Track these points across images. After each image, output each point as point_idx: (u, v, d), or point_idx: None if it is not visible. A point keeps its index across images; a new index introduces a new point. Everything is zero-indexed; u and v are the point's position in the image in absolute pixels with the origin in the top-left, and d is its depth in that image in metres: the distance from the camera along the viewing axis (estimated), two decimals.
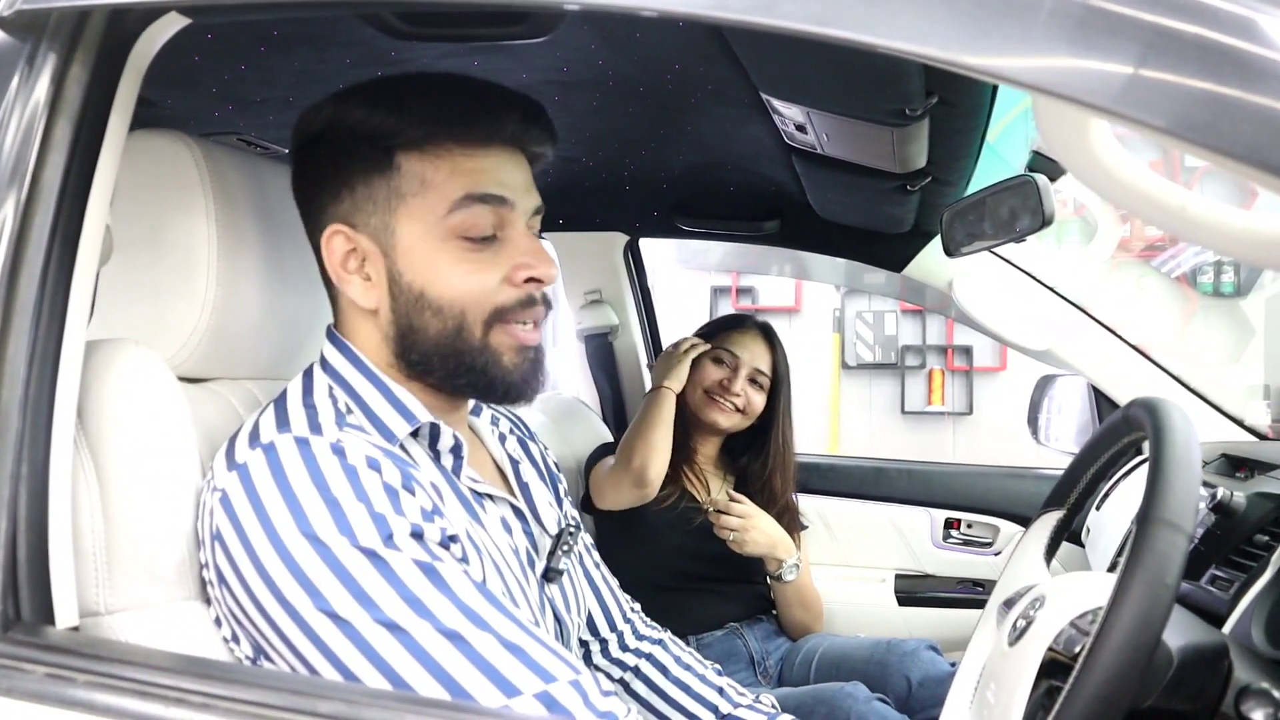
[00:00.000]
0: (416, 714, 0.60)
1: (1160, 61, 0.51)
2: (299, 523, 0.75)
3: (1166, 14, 0.51)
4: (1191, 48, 0.51)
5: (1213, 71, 0.50)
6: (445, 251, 0.88)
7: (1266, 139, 0.47)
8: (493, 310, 0.89)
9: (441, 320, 0.88)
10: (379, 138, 0.87)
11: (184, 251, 0.93)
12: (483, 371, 0.90)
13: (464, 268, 0.88)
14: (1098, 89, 0.49)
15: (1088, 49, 0.51)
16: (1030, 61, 0.52)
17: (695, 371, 1.91)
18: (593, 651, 1.23)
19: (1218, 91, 0.50)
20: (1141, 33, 0.51)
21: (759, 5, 0.55)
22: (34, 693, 0.59)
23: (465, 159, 0.88)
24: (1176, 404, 0.83)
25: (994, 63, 0.53)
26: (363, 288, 0.90)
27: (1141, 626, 0.67)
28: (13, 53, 0.73)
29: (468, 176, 0.87)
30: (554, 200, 2.07)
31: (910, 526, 2.19)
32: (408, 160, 0.88)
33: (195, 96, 1.32)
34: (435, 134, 0.87)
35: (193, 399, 0.94)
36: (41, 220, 0.71)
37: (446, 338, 0.89)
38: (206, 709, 0.56)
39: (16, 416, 0.68)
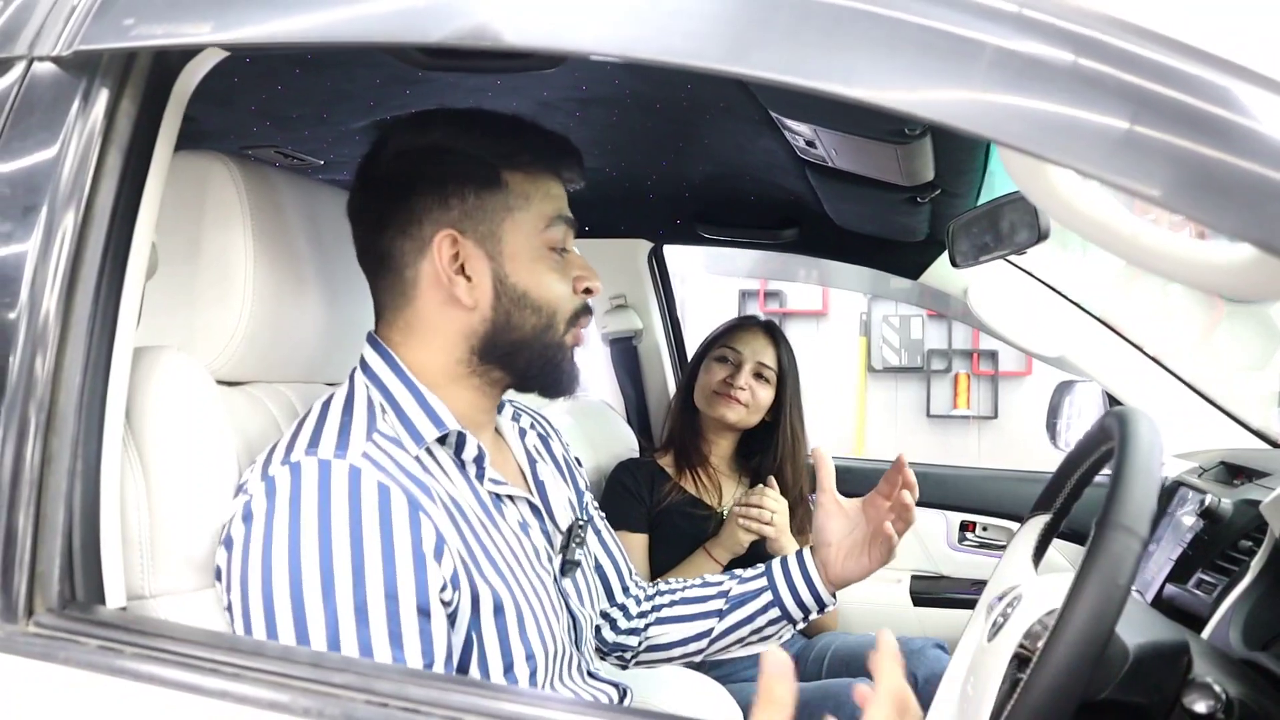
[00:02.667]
0: (422, 686, 0.66)
1: (1080, 102, 0.56)
2: (290, 552, 0.82)
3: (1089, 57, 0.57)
4: (1113, 92, 0.56)
5: (1129, 112, 0.56)
6: (542, 260, 1.02)
7: (1170, 172, 0.53)
8: (573, 313, 1.04)
9: (538, 318, 1.01)
10: (493, 158, 1.00)
11: (222, 264, 1.00)
12: (556, 365, 1.04)
13: (555, 275, 1.03)
14: (1023, 133, 0.55)
15: (1021, 94, 0.57)
16: (971, 107, 0.58)
17: (703, 374, 1.97)
18: (603, 630, 1.31)
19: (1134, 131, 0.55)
20: (1069, 82, 0.57)
21: (731, 54, 0.61)
22: (88, 662, 0.67)
23: (553, 185, 1.05)
24: (1147, 416, 0.88)
25: (939, 110, 0.58)
26: (465, 286, 0.99)
27: (1094, 623, 0.72)
28: (70, 88, 0.80)
29: (556, 201, 1.05)
30: (580, 208, 2.14)
31: (926, 528, 2.23)
32: (514, 180, 1.00)
33: (235, 114, 1.39)
34: (537, 162, 1.02)
35: (231, 401, 1.02)
36: (95, 240, 0.79)
37: (538, 333, 1.02)
38: (237, 678, 0.64)
39: (73, 419, 0.75)
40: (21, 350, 0.74)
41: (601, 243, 2.35)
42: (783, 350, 1.99)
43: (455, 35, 0.67)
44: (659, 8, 0.62)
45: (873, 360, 6.50)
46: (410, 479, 0.90)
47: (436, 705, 0.63)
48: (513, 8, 0.66)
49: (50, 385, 0.74)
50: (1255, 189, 0.52)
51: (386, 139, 1.04)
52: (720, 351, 1.98)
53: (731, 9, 0.61)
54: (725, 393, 1.94)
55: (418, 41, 0.68)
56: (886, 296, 5.64)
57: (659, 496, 1.93)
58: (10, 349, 0.75)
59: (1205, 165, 0.53)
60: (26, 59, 0.82)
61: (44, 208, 0.77)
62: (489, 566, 0.93)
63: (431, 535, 0.87)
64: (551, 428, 1.30)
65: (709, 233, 2.17)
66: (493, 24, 0.66)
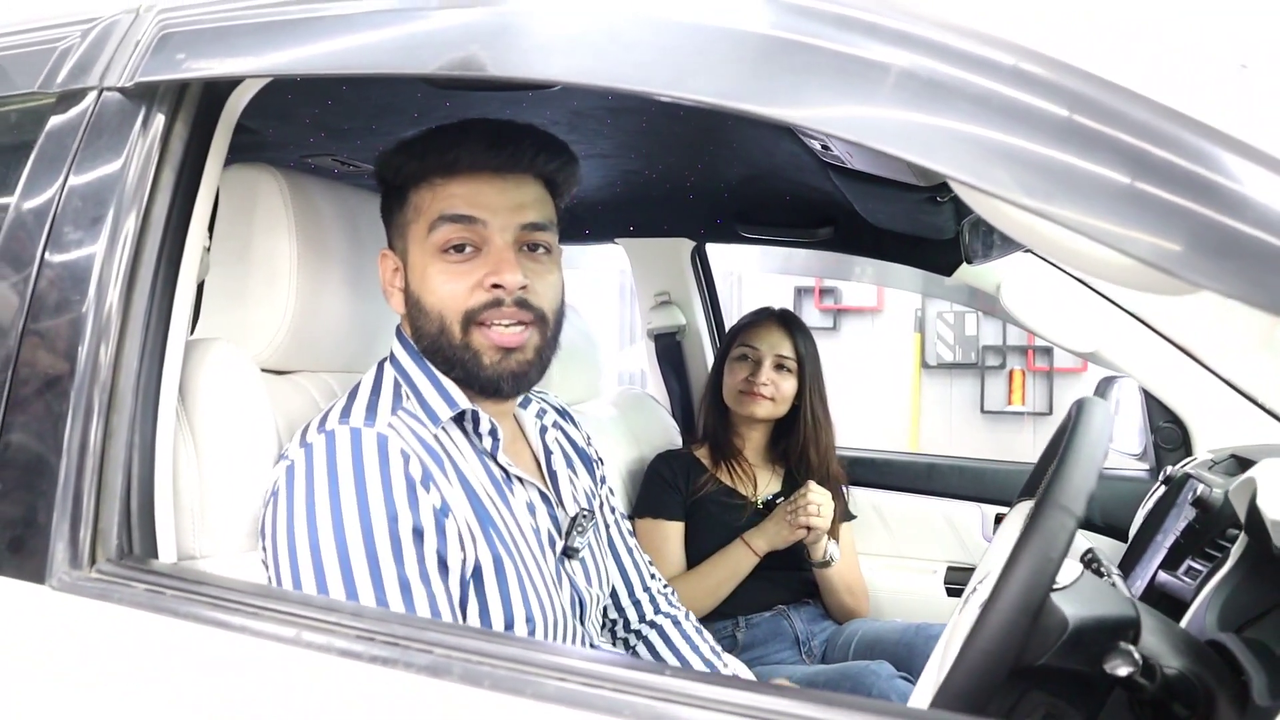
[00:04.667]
0: (440, 632, 0.74)
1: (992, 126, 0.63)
2: (330, 502, 0.93)
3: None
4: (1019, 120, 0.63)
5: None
6: (433, 264, 1.06)
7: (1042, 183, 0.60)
8: (464, 313, 1.05)
9: (429, 322, 1.07)
10: (397, 180, 1.10)
11: (269, 265, 1.12)
12: (464, 367, 1.06)
13: (445, 277, 1.06)
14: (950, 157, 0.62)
15: (931, 113, 0.64)
16: (887, 127, 0.65)
17: (727, 374, 2.04)
18: (618, 626, 1.39)
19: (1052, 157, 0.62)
20: (975, 109, 0.64)
21: (675, 80, 0.69)
22: (137, 602, 0.79)
23: (453, 186, 1.06)
24: (1104, 404, 0.94)
25: (863, 133, 0.66)
26: (399, 298, 1.11)
27: (1026, 593, 0.79)
28: (132, 113, 0.93)
29: (447, 200, 1.06)
30: (623, 209, 2.26)
31: (962, 520, 2.27)
32: (415, 195, 1.09)
33: (292, 126, 1.52)
34: (425, 169, 1.07)
35: (276, 388, 1.14)
36: (152, 245, 0.91)
37: (436, 336, 1.07)
38: (256, 616, 0.75)
39: (131, 400, 0.87)
40: (88, 340, 0.87)
41: (646, 242, 2.44)
42: (799, 338, 2.04)
43: (448, 66, 0.77)
44: (614, 41, 0.71)
45: (927, 356, 6.46)
46: (428, 452, 1.01)
47: (456, 649, 0.72)
48: (494, 44, 0.75)
49: (112, 370, 0.87)
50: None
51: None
52: (740, 350, 2.05)
53: (674, 42, 0.69)
54: (750, 390, 2.01)
55: (417, 72, 0.78)
56: (935, 296, 5.60)
57: (695, 487, 2.00)
58: (79, 339, 0.87)
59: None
60: (97, 89, 0.95)
61: (109, 217, 0.90)
62: (494, 534, 1.03)
63: (438, 499, 0.98)
64: (574, 421, 1.39)
65: (748, 231, 2.24)
66: (478, 57, 0.76)
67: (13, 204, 0.96)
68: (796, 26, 0.68)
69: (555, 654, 0.68)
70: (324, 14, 0.83)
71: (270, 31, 0.86)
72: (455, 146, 1.06)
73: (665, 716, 0.61)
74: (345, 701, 0.70)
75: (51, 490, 0.85)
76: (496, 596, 1.01)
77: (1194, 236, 0.57)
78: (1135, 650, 0.76)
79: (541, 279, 1.09)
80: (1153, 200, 0.59)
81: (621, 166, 1.90)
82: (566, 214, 1.19)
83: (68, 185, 0.93)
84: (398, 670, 0.68)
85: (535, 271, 1.08)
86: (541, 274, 1.09)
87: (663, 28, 0.70)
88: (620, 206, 2.22)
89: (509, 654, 0.66)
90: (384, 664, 0.68)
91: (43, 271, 0.92)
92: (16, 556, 0.86)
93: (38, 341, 0.90)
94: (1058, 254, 0.74)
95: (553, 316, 1.11)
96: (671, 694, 0.62)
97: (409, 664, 0.67)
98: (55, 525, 0.85)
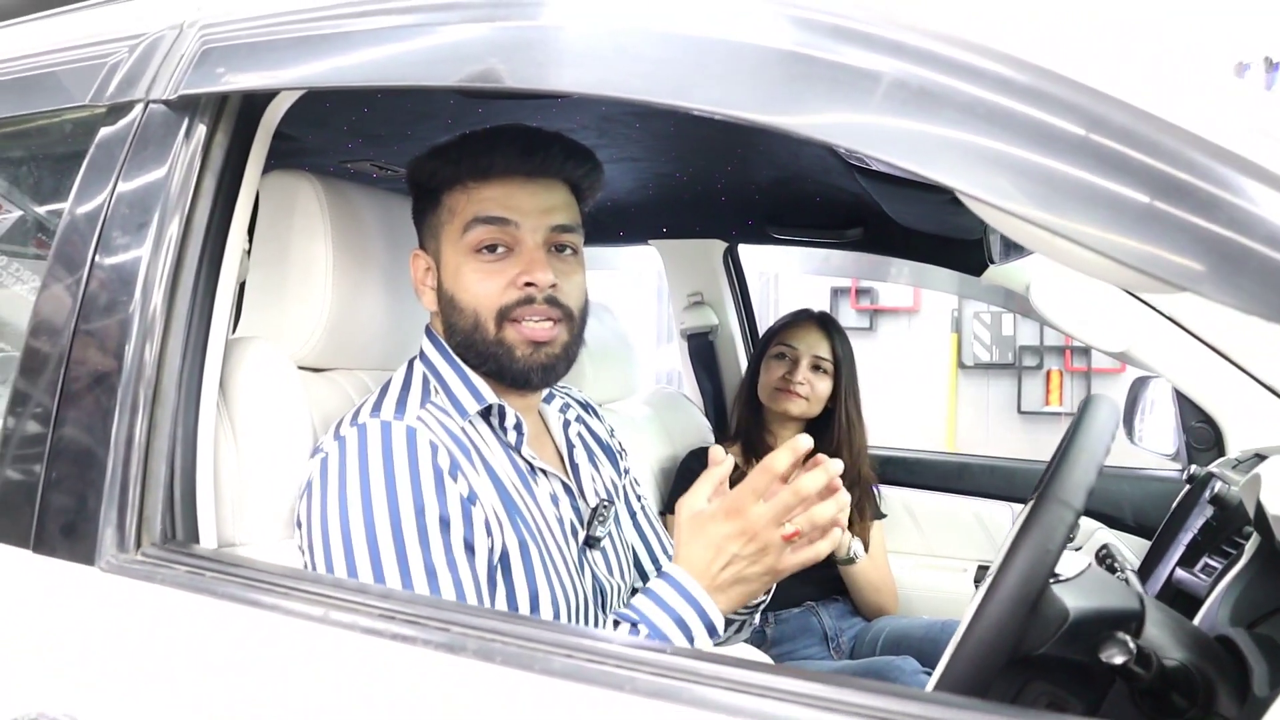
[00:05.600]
0: (456, 611, 0.78)
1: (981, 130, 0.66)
2: (361, 492, 0.98)
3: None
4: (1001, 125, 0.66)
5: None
6: (467, 263, 1.12)
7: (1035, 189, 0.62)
8: (498, 309, 1.10)
9: (464, 318, 1.12)
10: (432, 183, 1.15)
11: (306, 267, 1.18)
12: (499, 360, 1.11)
13: (479, 276, 1.11)
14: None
15: (911, 118, 0.67)
16: (873, 132, 0.68)
17: (764, 371, 2.07)
18: None
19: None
20: (967, 109, 0.67)
21: (677, 91, 0.73)
22: (178, 582, 0.84)
23: (486, 189, 1.11)
24: (1111, 402, 0.96)
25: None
26: (430, 296, 1.16)
27: (1024, 583, 0.81)
28: (176, 124, 0.98)
29: (481, 203, 1.11)
30: (656, 211, 2.30)
31: (993, 520, 2.28)
32: (448, 198, 1.14)
33: (330, 133, 1.58)
34: (460, 173, 1.12)
35: (313, 385, 1.20)
36: (194, 248, 0.97)
37: (470, 333, 1.12)
38: (288, 596, 0.80)
39: (173, 393, 0.93)
40: (134, 339, 0.92)
41: (679, 243, 2.48)
42: (837, 341, 2.08)
43: (468, 78, 0.81)
44: (621, 54, 0.75)
45: (964, 357, 6.45)
46: (455, 443, 1.06)
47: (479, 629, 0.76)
48: (510, 57, 0.79)
49: (157, 368, 0.92)
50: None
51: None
52: (778, 349, 2.08)
53: (677, 55, 0.73)
54: (785, 388, 2.04)
55: (439, 84, 0.83)
56: (971, 297, 5.58)
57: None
58: (126, 338, 0.93)
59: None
60: (144, 102, 1.00)
61: (154, 222, 0.95)
62: (519, 521, 1.08)
63: (466, 487, 1.02)
64: (597, 414, 1.43)
65: (779, 233, 2.27)
66: (496, 70, 0.80)
67: (66, 210, 1.02)
68: (810, 41, 0.71)
69: (562, 632, 0.73)
70: (352, 29, 0.88)
71: (303, 46, 0.91)
72: (489, 152, 1.11)
73: (665, 691, 0.64)
74: (368, 675, 0.74)
75: (101, 479, 0.91)
76: (523, 581, 1.05)
77: (1214, 255, 0.59)
78: (1130, 640, 0.78)
79: (568, 279, 1.14)
80: (1173, 220, 0.60)
81: (654, 170, 1.93)
82: (601, 217, 1.24)
83: (116, 192, 0.99)
84: (417, 647, 0.72)
85: (563, 271, 1.13)
86: (568, 274, 1.14)
87: (666, 41, 0.73)
88: (653, 209, 2.26)
89: (519, 632, 0.70)
90: (404, 641, 0.73)
91: (93, 273, 0.98)
92: (69, 540, 0.92)
93: (88, 340, 0.95)
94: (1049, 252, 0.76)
95: (578, 314, 1.16)
96: (671, 670, 0.66)
97: (427, 641, 0.72)
98: (104, 512, 0.90)
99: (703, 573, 0.98)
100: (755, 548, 0.97)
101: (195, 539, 0.93)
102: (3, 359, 1.31)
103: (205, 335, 0.98)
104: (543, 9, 0.80)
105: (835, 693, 0.64)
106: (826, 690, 0.64)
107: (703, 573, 0.98)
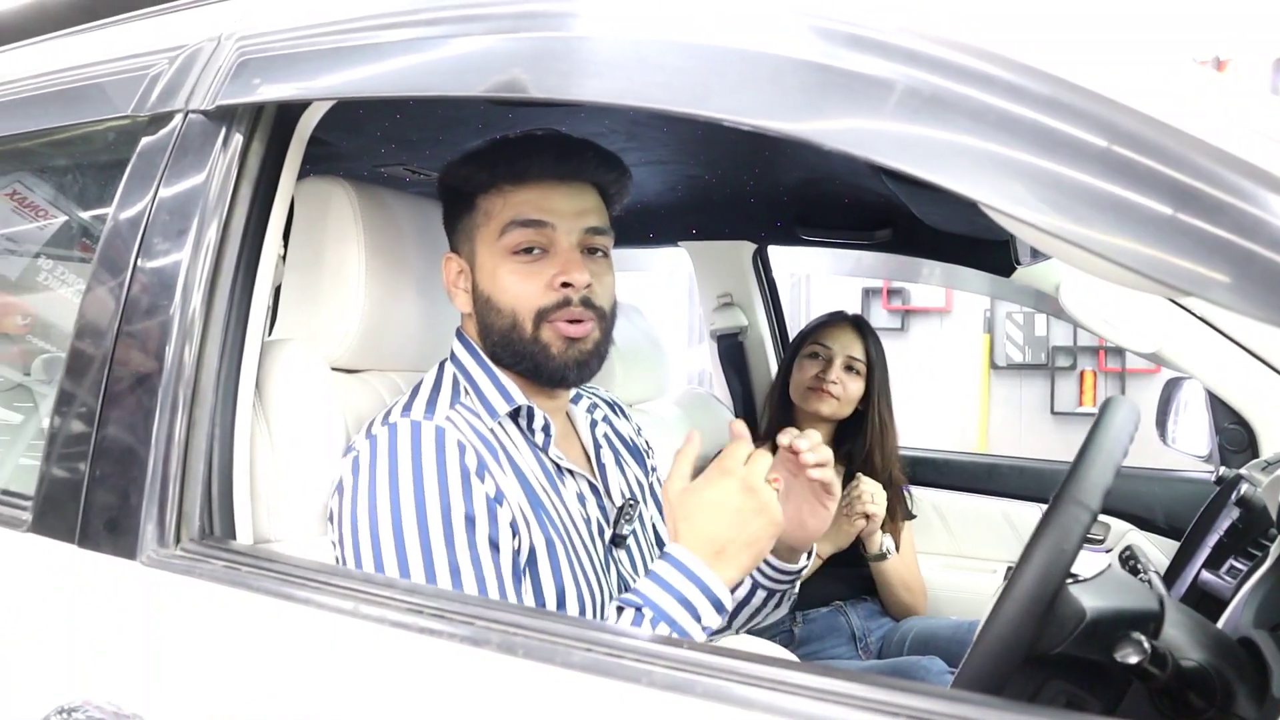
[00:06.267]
0: (480, 606, 0.80)
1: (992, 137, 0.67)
2: (390, 490, 1.01)
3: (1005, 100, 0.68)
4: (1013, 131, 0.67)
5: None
6: (504, 265, 1.14)
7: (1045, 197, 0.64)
8: (537, 310, 1.13)
9: (502, 319, 1.15)
10: (466, 188, 1.17)
11: (339, 271, 1.21)
12: (533, 359, 1.14)
13: (517, 278, 1.14)
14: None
15: (929, 126, 0.68)
16: (887, 140, 0.70)
17: (797, 370, 2.08)
18: None
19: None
20: (977, 117, 0.68)
21: (696, 100, 0.75)
22: (215, 576, 0.87)
23: (522, 193, 1.14)
24: (1130, 404, 0.96)
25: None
26: (464, 298, 1.18)
27: (1039, 583, 0.82)
28: (214, 134, 1.01)
29: (518, 206, 1.14)
30: (685, 213, 2.32)
31: (1023, 520, 2.27)
32: (484, 201, 1.16)
33: (363, 139, 1.62)
34: (495, 178, 1.15)
35: (346, 385, 1.23)
36: (231, 253, 1.00)
37: (508, 333, 1.14)
38: (320, 590, 0.83)
39: (211, 394, 0.96)
40: (174, 341, 0.96)
41: (708, 245, 2.49)
42: (870, 343, 2.08)
43: (493, 88, 0.84)
44: (642, 64, 0.77)
45: (996, 357, 6.40)
46: (484, 443, 1.08)
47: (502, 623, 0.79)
48: (534, 67, 0.82)
49: (195, 369, 0.96)
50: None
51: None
52: (812, 348, 2.09)
53: (695, 65, 0.75)
54: (818, 387, 2.05)
55: (465, 94, 0.85)
56: (1003, 298, 5.54)
57: None
58: (167, 340, 0.96)
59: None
60: (183, 112, 1.04)
61: (193, 228, 0.99)
62: (546, 519, 1.10)
63: (493, 487, 1.05)
64: (624, 414, 1.45)
65: (808, 234, 2.28)
66: (520, 79, 0.82)
67: (110, 216, 1.06)
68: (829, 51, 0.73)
69: (582, 626, 0.74)
70: (382, 41, 0.91)
71: (334, 58, 0.94)
72: (525, 157, 1.14)
73: (681, 684, 0.66)
74: (395, 667, 0.77)
75: (142, 477, 0.95)
76: (549, 579, 1.08)
77: (1239, 267, 0.59)
78: (1145, 639, 0.78)
79: (600, 280, 1.17)
80: (1196, 232, 0.61)
81: (683, 172, 1.95)
82: (631, 219, 1.26)
83: (157, 199, 1.03)
84: (442, 640, 0.75)
85: (595, 272, 1.16)
86: (600, 275, 1.17)
87: (685, 51, 0.75)
88: (682, 211, 2.28)
89: (541, 626, 0.73)
90: (430, 634, 0.75)
91: (135, 277, 1.01)
92: (112, 535, 0.95)
93: (131, 342, 0.99)
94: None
95: (610, 313, 1.20)
96: (687, 664, 0.67)
97: (452, 634, 0.74)
98: (145, 508, 0.94)
99: (706, 543, 1.00)
100: (755, 503, 1.00)
101: (232, 535, 0.96)
102: (50, 359, 1.36)
103: (242, 337, 1.01)
104: (565, 20, 0.82)
105: (850, 687, 0.65)
106: (841, 684, 0.66)
107: (706, 543, 1.00)
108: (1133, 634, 0.81)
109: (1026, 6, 0.74)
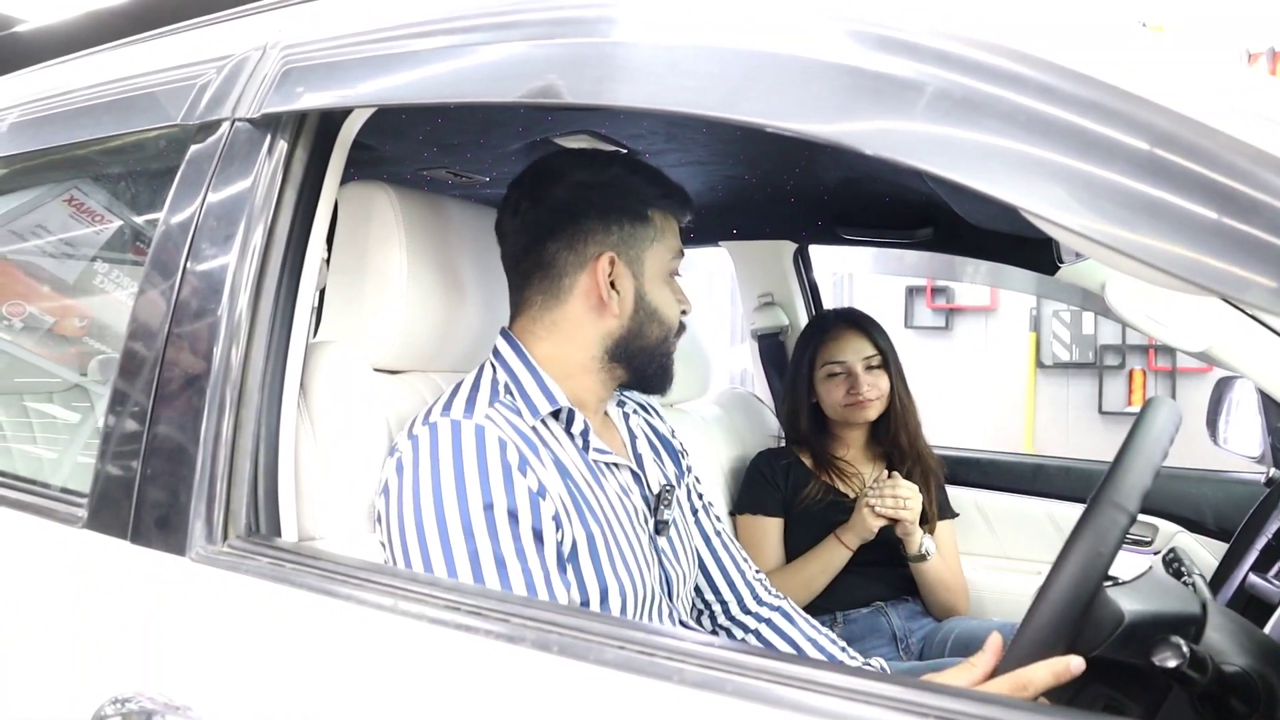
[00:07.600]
0: (516, 603, 0.82)
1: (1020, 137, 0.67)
2: (433, 489, 1.03)
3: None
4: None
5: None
6: (667, 283, 1.26)
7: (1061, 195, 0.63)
8: (679, 328, 1.28)
9: (661, 330, 1.25)
10: (647, 199, 1.23)
11: (382, 274, 1.23)
12: (664, 368, 1.27)
13: (674, 297, 1.27)
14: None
15: (961, 128, 0.69)
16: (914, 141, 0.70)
17: (825, 394, 2.07)
18: (715, 613, 1.45)
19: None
20: (1008, 118, 0.68)
21: (728, 104, 0.76)
22: (261, 572, 0.90)
23: (676, 224, 1.28)
24: (1171, 404, 0.95)
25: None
26: (616, 299, 1.21)
27: (1076, 586, 0.82)
28: (259, 141, 1.04)
29: (678, 238, 1.28)
30: (726, 212, 2.33)
31: (1067, 521, 2.24)
32: (657, 217, 1.24)
33: (406, 143, 1.64)
34: (672, 205, 1.25)
35: (389, 386, 1.25)
36: (275, 257, 1.02)
37: (658, 342, 1.25)
38: (362, 587, 0.85)
39: (257, 394, 0.99)
40: (222, 342, 0.98)
41: (749, 245, 2.49)
42: (875, 333, 2.08)
43: (529, 94, 0.85)
44: (674, 70, 0.78)
45: (1042, 356, 6.28)
46: (524, 440, 1.10)
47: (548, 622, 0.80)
48: (569, 74, 0.83)
49: (242, 370, 0.98)
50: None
51: (564, 169, 1.25)
52: (828, 369, 2.07)
53: (727, 70, 0.76)
54: (855, 401, 2.03)
55: (502, 100, 0.87)
56: (1048, 296, 5.44)
57: (800, 494, 2.04)
58: (214, 341, 0.99)
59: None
60: (230, 120, 1.07)
61: (239, 233, 1.01)
62: (588, 513, 1.12)
63: (535, 481, 1.07)
64: (657, 414, 1.47)
65: (849, 233, 2.27)
66: (555, 85, 0.83)
67: (160, 221, 1.10)
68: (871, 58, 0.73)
69: (615, 624, 0.76)
70: (421, 49, 0.93)
71: (375, 65, 0.96)
72: (674, 195, 1.27)
73: (711, 682, 0.67)
74: (434, 662, 0.79)
75: (191, 475, 0.97)
76: (592, 574, 1.09)
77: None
78: (1185, 643, 0.78)
79: None
80: (1236, 234, 0.60)
81: (722, 172, 1.96)
82: None
83: (205, 205, 1.06)
84: (478, 636, 0.76)
85: None
86: None
87: (716, 56, 0.76)
88: (722, 211, 2.28)
89: (575, 624, 0.74)
90: (467, 631, 0.77)
91: (185, 280, 1.04)
92: (162, 532, 0.98)
93: (180, 343, 1.02)
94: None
95: None
96: (717, 662, 0.68)
97: (488, 631, 0.76)
98: (194, 506, 0.97)
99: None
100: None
101: (277, 532, 0.99)
102: (105, 360, 1.40)
103: (287, 339, 1.04)
104: (598, 26, 0.83)
105: (881, 686, 0.66)
106: (871, 684, 0.66)
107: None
108: (1171, 638, 0.80)
109: (1058, 6, 0.74)
